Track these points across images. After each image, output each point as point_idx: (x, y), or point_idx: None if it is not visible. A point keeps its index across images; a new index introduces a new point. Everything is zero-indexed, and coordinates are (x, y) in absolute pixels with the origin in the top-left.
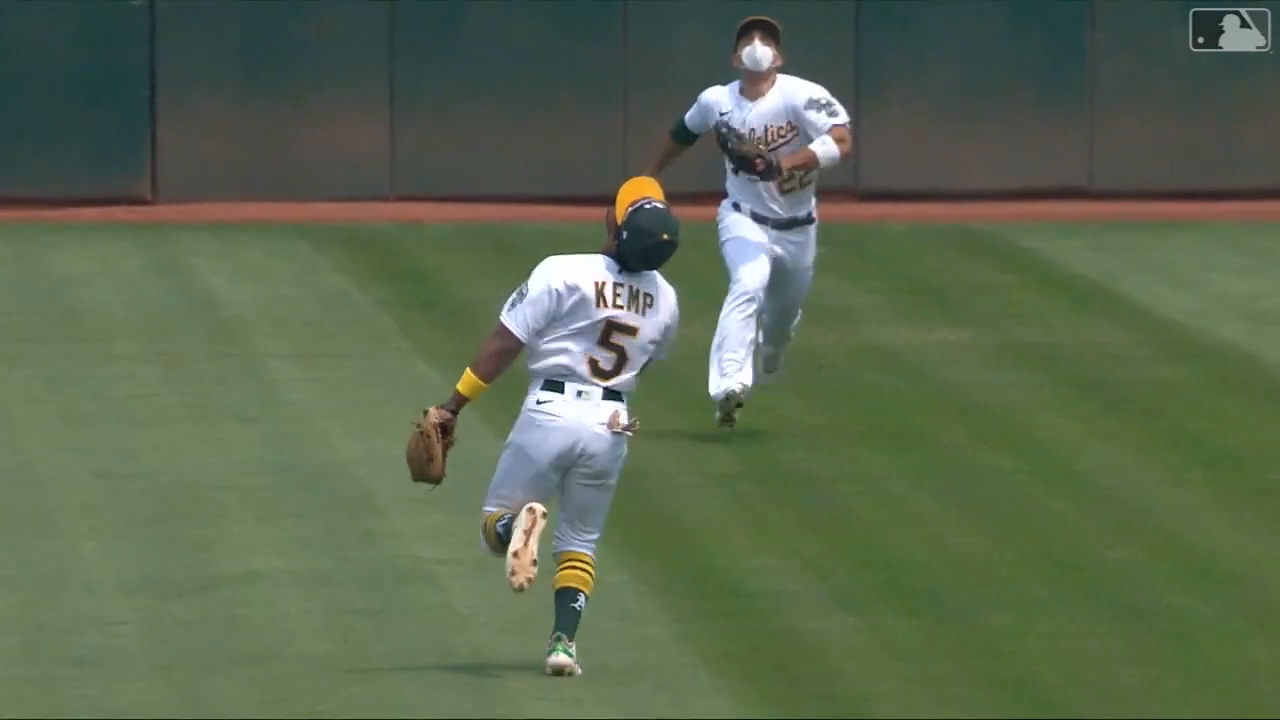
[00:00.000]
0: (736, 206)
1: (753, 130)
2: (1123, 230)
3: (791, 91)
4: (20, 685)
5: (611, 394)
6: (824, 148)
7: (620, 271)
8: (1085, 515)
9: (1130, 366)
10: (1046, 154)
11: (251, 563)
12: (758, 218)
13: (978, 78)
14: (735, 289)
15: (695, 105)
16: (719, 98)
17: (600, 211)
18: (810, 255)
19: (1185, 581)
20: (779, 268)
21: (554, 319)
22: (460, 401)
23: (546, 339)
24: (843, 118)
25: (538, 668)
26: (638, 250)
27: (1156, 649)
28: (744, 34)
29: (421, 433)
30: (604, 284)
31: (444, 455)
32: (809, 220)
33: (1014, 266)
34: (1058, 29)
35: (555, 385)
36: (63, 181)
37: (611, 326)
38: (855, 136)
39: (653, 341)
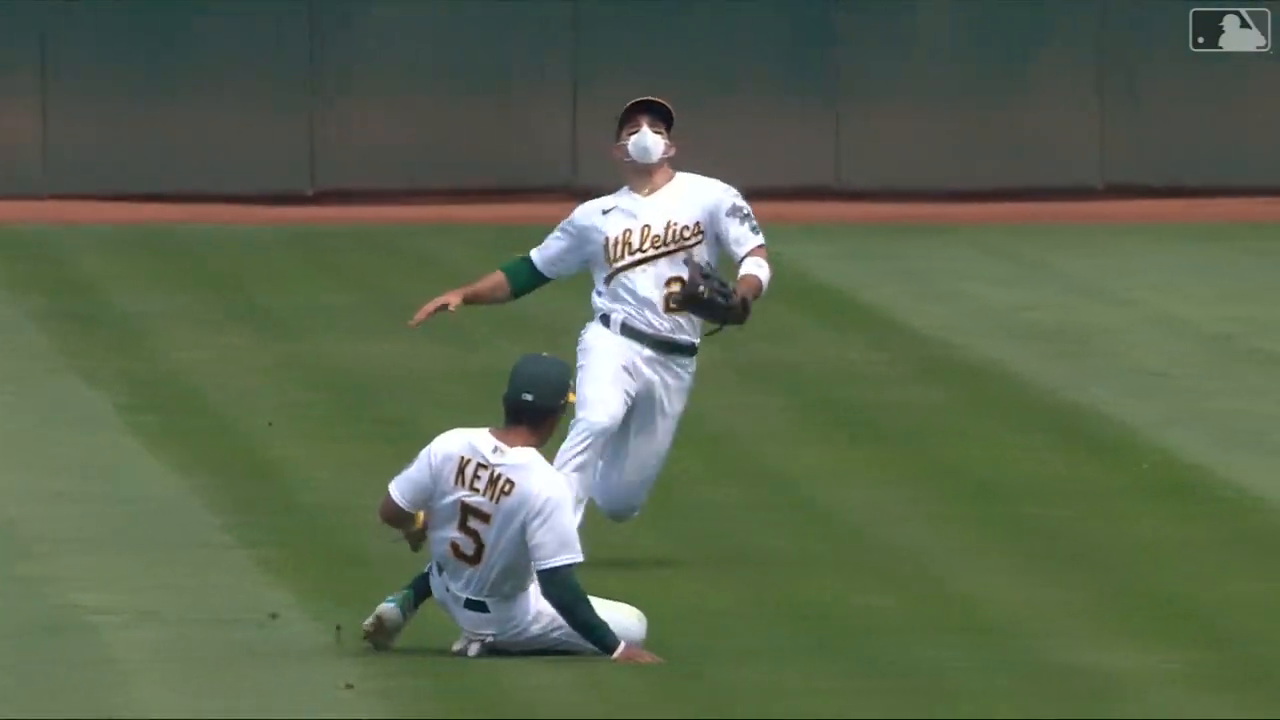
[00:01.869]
0: (605, 320)
1: (648, 227)
2: (873, 234)
3: (705, 190)
4: None
5: (473, 604)
6: (763, 272)
7: (495, 450)
8: (832, 558)
9: (882, 388)
10: (788, 148)
11: None
12: (630, 330)
13: (707, 62)
14: (577, 426)
15: (562, 232)
16: (595, 211)
17: (283, 212)
18: (683, 401)
19: (944, 632)
20: (643, 405)
21: (429, 490)
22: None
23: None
24: (760, 234)
25: None
26: (505, 400)
27: (914, 708)
28: (629, 119)
29: None
30: (468, 461)
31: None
32: (691, 350)
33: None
34: (799, 8)
35: (438, 567)
36: None
37: (465, 509)
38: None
39: (509, 539)
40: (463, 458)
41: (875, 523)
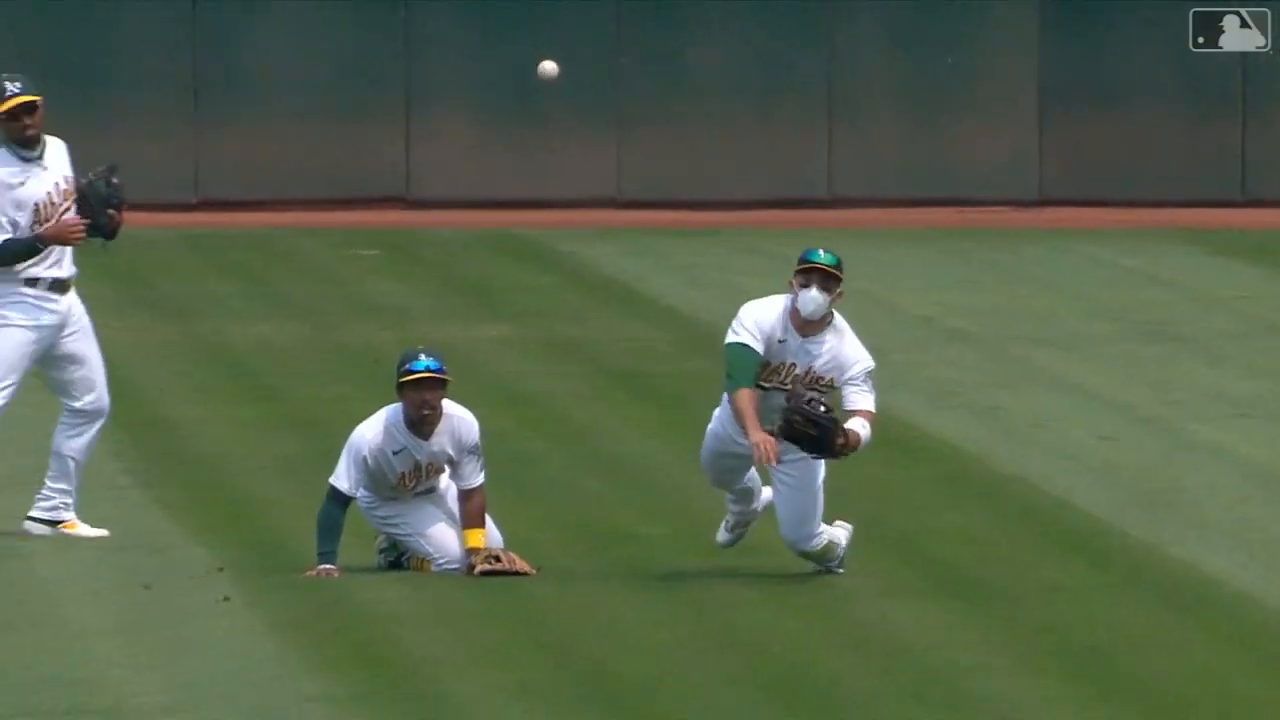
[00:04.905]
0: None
1: (794, 365)
2: (650, 236)
3: (849, 352)
4: None
5: None
6: (865, 432)
7: None
8: (619, 495)
9: (657, 360)
10: (579, 165)
11: None
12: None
13: (517, 100)
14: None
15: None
16: (774, 334)
17: (170, 218)
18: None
19: (708, 555)
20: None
21: None
22: None
23: None
24: (874, 399)
25: (121, 642)
26: None
27: (681, 613)
28: (803, 270)
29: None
30: None
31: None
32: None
33: (553, 269)
34: (592, 54)
35: None
36: None
37: None
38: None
39: None
40: None
41: (652, 467)
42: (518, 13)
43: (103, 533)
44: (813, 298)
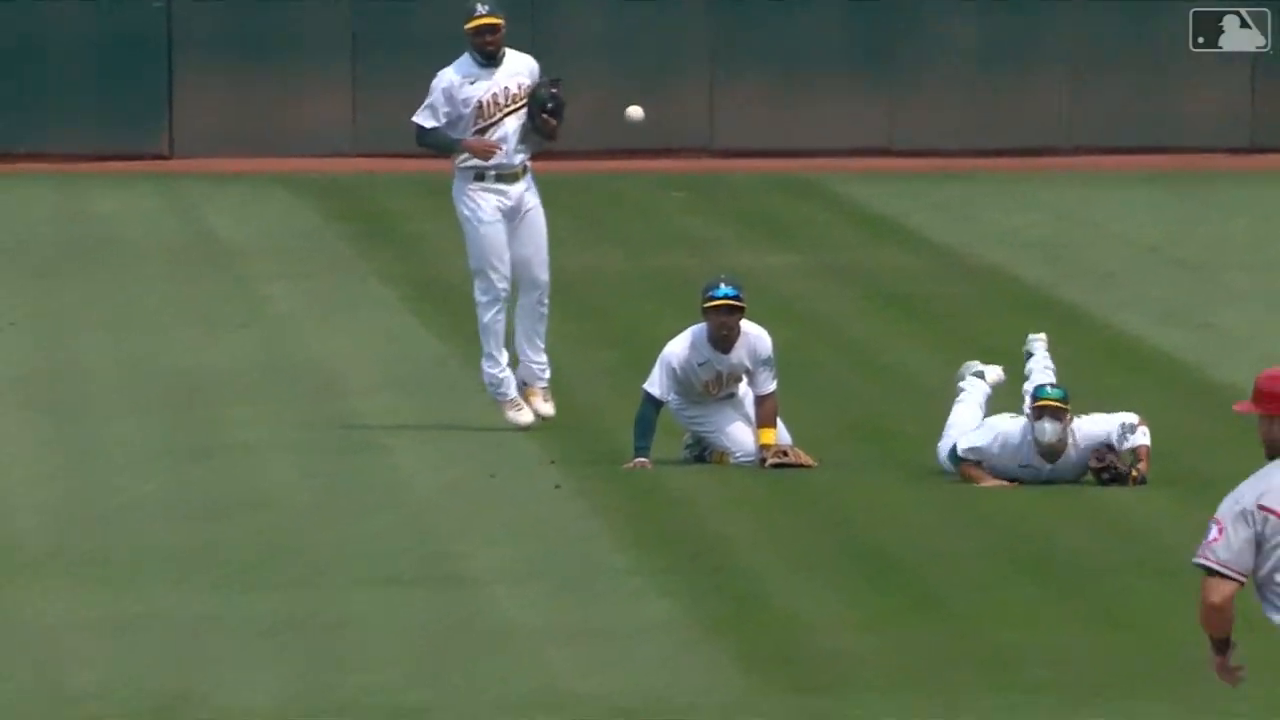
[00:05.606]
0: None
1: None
2: (914, 180)
3: (1085, 441)
4: (69, 525)
5: None
6: (1147, 439)
7: None
8: (888, 398)
9: (921, 283)
10: (853, 120)
11: (245, 435)
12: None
13: (806, 57)
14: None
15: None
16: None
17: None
18: None
19: None
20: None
21: None
22: None
23: None
24: (1145, 434)
25: (466, 522)
26: None
27: (941, 498)
28: (1035, 405)
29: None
30: None
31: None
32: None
33: (831, 207)
34: (863, 17)
35: None
36: (98, 139)
37: None
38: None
39: None
40: None
41: (918, 374)
42: None
43: (549, 413)
44: (1046, 429)
